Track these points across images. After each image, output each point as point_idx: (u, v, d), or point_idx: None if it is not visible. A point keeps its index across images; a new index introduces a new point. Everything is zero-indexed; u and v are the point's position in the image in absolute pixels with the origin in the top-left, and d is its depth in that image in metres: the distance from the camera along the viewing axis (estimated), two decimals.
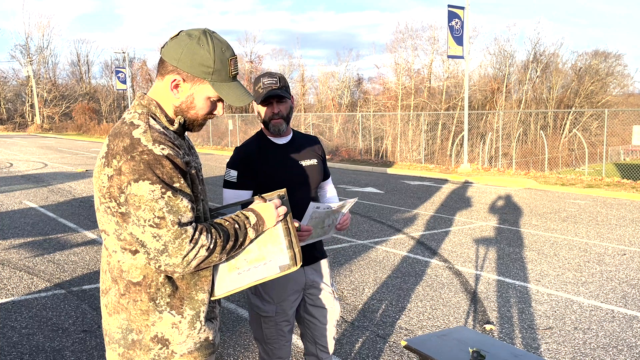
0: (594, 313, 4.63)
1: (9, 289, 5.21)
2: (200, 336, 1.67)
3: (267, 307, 2.50)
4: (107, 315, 1.66)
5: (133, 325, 1.62)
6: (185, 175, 1.56)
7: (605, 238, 7.44)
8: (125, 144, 1.52)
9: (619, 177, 14.38)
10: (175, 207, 1.50)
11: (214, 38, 1.62)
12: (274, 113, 2.46)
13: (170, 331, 1.63)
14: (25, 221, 8.42)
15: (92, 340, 4.03)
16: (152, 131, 1.55)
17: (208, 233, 1.55)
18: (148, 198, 1.48)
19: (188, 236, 1.50)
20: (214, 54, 1.59)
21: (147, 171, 1.48)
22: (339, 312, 2.70)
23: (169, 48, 1.61)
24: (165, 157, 1.51)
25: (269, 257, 1.72)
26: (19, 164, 17.93)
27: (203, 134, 30.36)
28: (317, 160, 2.62)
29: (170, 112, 1.66)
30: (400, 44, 36.89)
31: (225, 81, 1.64)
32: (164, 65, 1.63)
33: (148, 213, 1.49)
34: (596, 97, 37.38)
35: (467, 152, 17.11)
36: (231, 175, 2.48)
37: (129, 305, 1.61)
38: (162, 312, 1.62)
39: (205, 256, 1.54)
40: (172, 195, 1.49)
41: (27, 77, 51.45)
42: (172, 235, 1.49)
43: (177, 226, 1.49)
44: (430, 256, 6.48)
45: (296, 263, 1.73)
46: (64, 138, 38.47)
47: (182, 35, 1.61)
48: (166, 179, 1.50)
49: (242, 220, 1.65)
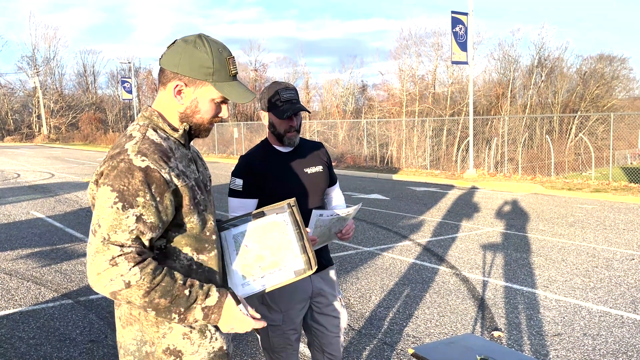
0: (603, 319, 4.59)
1: (16, 299, 5.23)
2: (213, 345, 1.66)
3: (274, 316, 2.50)
4: (121, 328, 1.65)
5: (146, 337, 1.61)
6: (160, 193, 1.50)
7: (613, 243, 7.39)
8: (114, 153, 1.53)
9: (626, 181, 14.29)
10: (116, 222, 1.44)
11: (210, 40, 1.63)
12: (292, 126, 2.46)
13: (182, 342, 1.61)
14: (32, 231, 8.45)
15: (100, 350, 4.03)
16: (142, 142, 1.54)
17: (137, 266, 1.44)
18: (101, 203, 1.47)
19: (108, 255, 1.43)
20: (212, 55, 1.60)
21: (115, 178, 1.47)
22: (346, 320, 2.69)
23: (167, 56, 1.62)
24: (141, 169, 1.48)
25: (282, 262, 1.73)
26: (26, 175, 18.04)
27: (209, 143, 30.46)
28: (322, 167, 2.62)
29: (175, 120, 1.66)
30: (404, 51, 36.95)
31: (227, 81, 1.64)
32: (164, 73, 1.63)
33: (95, 217, 1.48)
34: (602, 101, 37.25)
35: (472, 158, 17.07)
36: (236, 184, 2.48)
37: (140, 316, 1.60)
38: (171, 322, 1.60)
39: (122, 288, 1.43)
40: (120, 209, 1.45)
41: (34, 88, 51.85)
42: (95, 248, 1.45)
43: (102, 241, 1.44)
44: (437, 263, 6.46)
45: (311, 267, 1.74)
46: (71, 148, 38.69)
47: (178, 42, 1.63)
48: (128, 190, 1.46)
49: (198, 292, 1.52)
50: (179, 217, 1.57)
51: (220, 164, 23.54)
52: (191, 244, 1.62)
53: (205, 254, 1.65)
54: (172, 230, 1.58)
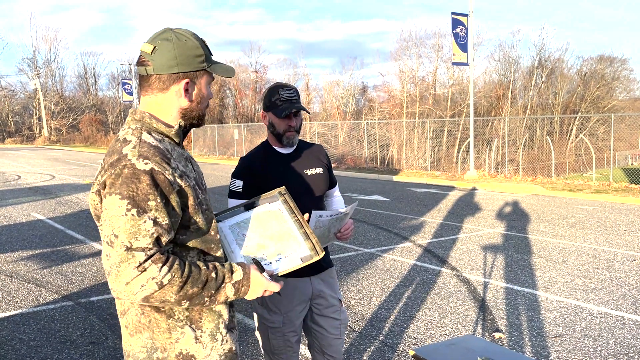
0: (604, 320, 4.59)
1: (17, 301, 5.23)
2: (224, 347, 1.66)
3: (273, 318, 2.50)
4: (129, 336, 1.63)
5: (157, 343, 1.59)
6: (167, 195, 1.49)
7: (614, 244, 7.38)
8: (113, 160, 1.50)
9: (626, 182, 14.29)
10: (135, 228, 1.42)
11: (182, 30, 1.64)
12: (291, 126, 2.47)
13: (194, 347, 1.60)
14: (33, 233, 8.46)
15: (100, 352, 4.03)
16: (141, 145, 1.52)
17: (165, 266, 1.44)
18: (113, 213, 1.44)
19: (135, 262, 1.41)
20: (195, 41, 1.62)
21: (122, 185, 1.44)
22: (347, 322, 2.68)
23: (158, 62, 1.58)
24: (146, 172, 1.46)
25: (286, 251, 1.72)
26: (26, 176, 18.05)
27: (209, 144, 30.46)
28: (322, 169, 2.63)
29: (170, 118, 1.64)
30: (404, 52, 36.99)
31: (214, 62, 1.67)
32: (161, 80, 1.60)
33: (109, 228, 1.44)
34: (602, 102, 37.26)
35: (473, 159, 17.07)
36: (236, 185, 2.49)
37: (151, 324, 1.58)
38: (183, 327, 1.59)
39: (155, 290, 1.43)
40: (135, 215, 1.43)
41: (35, 90, 51.90)
42: (118, 258, 1.42)
43: (125, 250, 1.41)
44: (438, 264, 6.46)
45: (317, 253, 1.73)
46: (72, 150, 38.72)
47: (161, 44, 1.58)
48: (138, 196, 1.44)
49: (223, 271, 1.56)
50: (185, 218, 1.56)
51: (221, 165, 23.54)
52: (198, 245, 1.62)
53: (212, 253, 1.65)
54: (179, 232, 1.57)
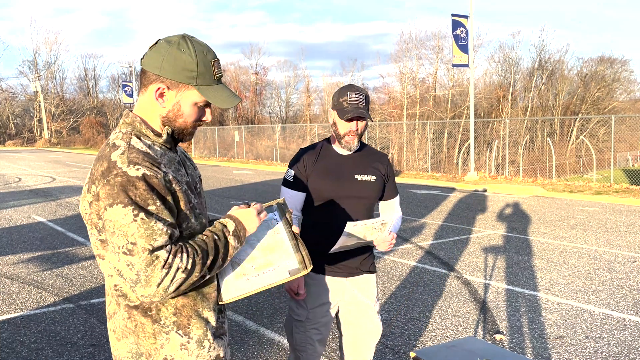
0: (605, 321, 4.58)
1: (17, 303, 5.23)
2: (210, 355, 1.64)
3: (299, 311, 2.51)
4: (116, 340, 1.62)
5: (142, 349, 1.58)
6: (164, 197, 1.49)
7: (615, 245, 7.38)
8: (103, 168, 1.48)
9: (627, 183, 14.28)
10: (149, 231, 1.43)
11: (194, 42, 1.57)
12: (352, 130, 2.45)
13: (179, 353, 1.59)
14: (33, 235, 8.46)
15: (101, 354, 4.03)
16: (130, 151, 1.50)
17: (183, 253, 1.47)
18: (121, 222, 1.43)
19: (160, 262, 1.43)
20: (196, 58, 1.54)
21: (120, 194, 1.43)
22: (380, 333, 2.58)
23: (150, 57, 1.55)
24: (139, 178, 1.45)
25: (276, 262, 1.70)
26: (27, 179, 18.05)
27: (210, 146, 30.48)
28: (375, 177, 2.54)
29: (157, 125, 1.61)
30: (405, 54, 37.04)
31: (211, 84, 1.58)
32: (146, 75, 1.56)
33: (122, 239, 1.43)
34: (603, 103, 37.26)
35: (473, 160, 17.07)
36: (289, 174, 2.53)
37: (136, 329, 1.57)
38: (168, 332, 1.58)
39: (184, 278, 1.47)
40: (145, 217, 1.43)
41: (35, 92, 51.93)
42: (144, 263, 1.42)
43: (148, 253, 1.42)
44: (439, 266, 6.45)
45: (306, 267, 1.71)
46: (72, 152, 38.74)
47: (161, 43, 1.56)
48: (140, 200, 1.44)
49: (219, 230, 1.58)
50: (177, 222, 1.55)
51: (221, 167, 23.54)
52: None
53: None
54: None
